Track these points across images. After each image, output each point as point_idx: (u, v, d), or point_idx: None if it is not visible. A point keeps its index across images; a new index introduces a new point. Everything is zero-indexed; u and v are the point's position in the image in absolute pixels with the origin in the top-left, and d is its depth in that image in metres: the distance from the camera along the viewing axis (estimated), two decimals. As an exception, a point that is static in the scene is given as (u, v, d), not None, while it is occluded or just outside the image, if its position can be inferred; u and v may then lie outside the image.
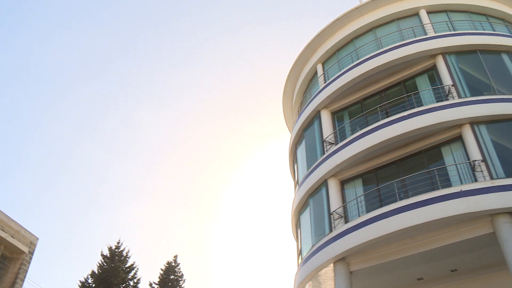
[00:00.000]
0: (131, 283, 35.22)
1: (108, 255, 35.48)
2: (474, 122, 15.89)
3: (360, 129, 17.96)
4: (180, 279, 39.01)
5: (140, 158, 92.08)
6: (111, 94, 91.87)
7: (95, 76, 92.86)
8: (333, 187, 18.11)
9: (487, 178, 14.43)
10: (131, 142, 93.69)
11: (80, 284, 33.09)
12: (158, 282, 37.94)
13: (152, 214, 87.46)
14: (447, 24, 20.11)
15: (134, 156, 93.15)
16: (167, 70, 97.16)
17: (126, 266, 35.66)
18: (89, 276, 33.78)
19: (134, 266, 36.10)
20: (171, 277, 38.64)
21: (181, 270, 39.64)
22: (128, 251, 36.57)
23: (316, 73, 23.58)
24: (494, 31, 19.54)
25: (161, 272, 38.80)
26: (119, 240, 36.86)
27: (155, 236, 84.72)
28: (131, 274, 35.64)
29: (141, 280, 35.83)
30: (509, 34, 18.99)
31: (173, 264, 39.70)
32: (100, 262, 34.85)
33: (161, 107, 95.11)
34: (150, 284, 37.69)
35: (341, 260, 16.06)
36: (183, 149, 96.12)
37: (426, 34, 19.48)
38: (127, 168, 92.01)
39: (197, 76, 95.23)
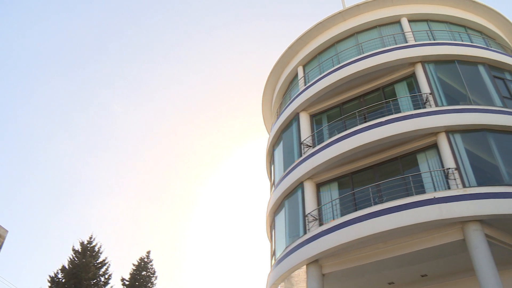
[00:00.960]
0: (102, 279, 34.79)
1: (80, 250, 34.99)
2: (450, 131, 16.19)
3: (338, 133, 18.10)
4: (152, 275, 38.72)
5: (116, 153, 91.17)
6: (87, 88, 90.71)
7: (71, 70, 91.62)
8: (309, 189, 18.21)
9: (460, 186, 14.71)
10: (106, 137, 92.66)
11: (49, 279, 32.52)
12: (129, 278, 37.58)
13: (126, 209, 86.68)
14: (427, 33, 20.44)
15: (110, 151, 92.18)
16: (147, 66, 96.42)
17: (97, 261, 35.23)
18: (59, 271, 33.23)
19: (106, 261, 35.69)
20: (142, 274, 38.31)
21: (153, 266, 39.34)
22: (101, 247, 36.16)
23: (296, 75, 23.69)
24: (472, 42, 19.92)
25: (133, 268, 38.46)
26: (92, 235, 36.42)
27: (128, 232, 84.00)
28: (103, 269, 35.22)
29: (112, 276, 35.45)
30: (485, 47, 19.37)
31: (146, 260, 39.39)
32: (71, 257, 34.36)
33: (139, 103, 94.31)
34: (122, 280, 37.33)
35: (314, 262, 16.16)
36: (160, 145, 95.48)
37: (407, 42, 19.77)
38: (102, 163, 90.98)
39: (177, 73, 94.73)
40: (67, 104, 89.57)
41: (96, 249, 35.84)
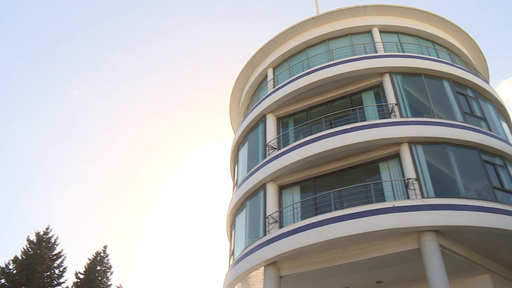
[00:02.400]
0: (57, 271, 34.02)
1: (35, 241, 34.09)
2: (412, 142, 16.53)
3: (304, 137, 18.22)
4: (107, 270, 38.10)
5: (78, 143, 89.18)
6: (49, 74, 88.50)
7: (34, 55, 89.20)
8: (271, 191, 18.25)
9: (419, 196, 15.05)
10: (68, 125, 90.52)
11: (-1, 270, 31.52)
12: (84, 272, 36.85)
13: (85, 201, 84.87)
14: (397, 45, 20.86)
15: (72, 140, 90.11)
16: (115, 56, 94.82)
17: (53, 253, 34.41)
18: (11, 262, 32.23)
19: (61, 254, 34.91)
20: (98, 268, 37.63)
21: (109, 261, 38.74)
22: (57, 238, 35.34)
23: (266, 77, 23.73)
24: (438, 57, 20.40)
25: (88, 262, 37.74)
26: (48, 226, 35.55)
27: (87, 224, 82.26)
28: (58, 262, 34.43)
29: (67, 269, 34.69)
30: (451, 63, 19.89)
31: (102, 254, 38.73)
32: (25, 248, 33.42)
33: (105, 92, 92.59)
34: (76, 274, 36.55)
35: (272, 264, 16.21)
36: (124, 136, 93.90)
37: (377, 52, 20.11)
38: (62, 151, 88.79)
39: (146, 65, 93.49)
40: (27, 88, 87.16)
41: (52, 240, 35.02)
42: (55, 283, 33.49)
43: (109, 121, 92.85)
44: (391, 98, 17.93)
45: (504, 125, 20.00)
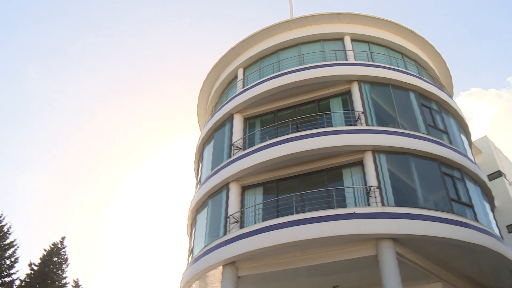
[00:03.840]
0: (7, 261, 33.00)
1: (-15, 230, 33.04)
2: (376, 150, 16.79)
3: (270, 139, 18.23)
4: (64, 262, 37.26)
5: (37, 130, 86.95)
6: (8, 59, 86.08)
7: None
8: (234, 191, 18.19)
9: (379, 204, 15.29)
10: (27, 112, 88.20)
11: None
12: (39, 263, 35.89)
13: (44, 190, 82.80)
14: (367, 54, 21.17)
15: (30, 127, 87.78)
16: (84, 46, 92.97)
17: (4, 243, 33.37)
18: (-44, 251, 31.12)
19: (14, 243, 33.90)
20: (54, 260, 36.75)
21: (66, 253, 37.91)
22: (10, 227, 34.34)
23: (236, 77, 23.68)
24: (406, 69, 20.82)
25: (44, 253, 36.80)
26: (1, 214, 34.46)
27: (45, 215, 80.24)
28: (9, 252, 33.41)
29: (20, 259, 33.73)
30: (418, 75, 20.30)
31: (59, 246, 37.85)
32: (-27, 236, 32.36)
33: (68, 80, 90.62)
34: (30, 265, 35.56)
35: (231, 264, 16.14)
36: (87, 126, 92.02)
37: (347, 60, 20.37)
38: (19, 138, 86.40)
39: (115, 56, 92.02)
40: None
41: (5, 229, 33.97)
42: (5, 274, 32.51)
43: (72, 109, 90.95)
44: (358, 106, 18.17)
45: (464, 139, 20.55)
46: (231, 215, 17.35)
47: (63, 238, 38.39)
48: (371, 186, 15.77)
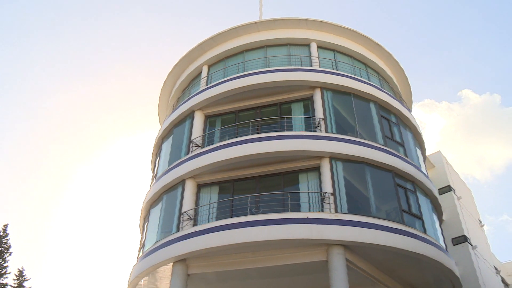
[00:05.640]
0: None
1: None
2: (333, 157, 17.01)
3: (229, 139, 18.21)
4: (6, 251, 35.96)
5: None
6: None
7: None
8: (189, 188, 18.04)
9: (332, 210, 15.49)
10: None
11: None
12: (-21, 251, 34.58)
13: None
14: (332, 62, 21.45)
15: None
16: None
17: None
18: None
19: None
20: (-5, 247, 35.45)
21: (9, 241, 36.60)
22: None
23: (200, 73, 23.52)
24: (369, 80, 21.20)
25: (-16, 241, 35.47)
26: None
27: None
28: None
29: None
30: (380, 87, 20.73)
31: (1, 234, 36.52)
32: None
33: (23, 60, 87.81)
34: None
35: (182, 261, 15.98)
36: (38, 111, 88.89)
37: (312, 66, 20.58)
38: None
39: (78, 43, 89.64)
40: None
41: None
42: None
43: (24, 92, 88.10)
44: (319, 113, 18.37)
45: (419, 153, 21.11)
46: (185, 212, 17.20)
47: (5, 225, 37.04)
48: (326, 193, 15.96)
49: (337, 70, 20.88)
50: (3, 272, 35.03)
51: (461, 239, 22.78)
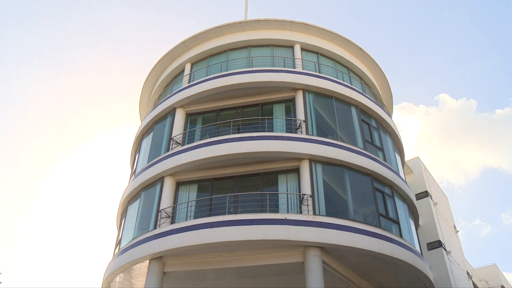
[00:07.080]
0: None
1: None
2: (313, 160, 17.08)
3: (210, 137, 18.17)
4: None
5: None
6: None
7: None
8: (168, 186, 17.94)
9: (311, 212, 15.56)
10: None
11: None
12: None
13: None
14: (315, 65, 21.55)
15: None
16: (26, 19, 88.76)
17: None
18: None
19: None
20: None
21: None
22: None
23: (183, 71, 23.40)
24: (351, 84, 21.34)
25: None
26: None
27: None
28: None
29: None
30: (361, 91, 20.88)
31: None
32: None
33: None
34: None
35: (158, 259, 15.88)
36: (16, 104, 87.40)
37: (295, 68, 20.62)
38: None
39: (62, 34, 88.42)
40: None
41: None
42: None
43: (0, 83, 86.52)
44: (300, 114, 18.43)
45: (398, 158, 21.32)
46: (163, 209, 17.10)
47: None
48: (305, 194, 16.02)
49: (320, 73, 20.97)
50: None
51: (436, 244, 23.08)
